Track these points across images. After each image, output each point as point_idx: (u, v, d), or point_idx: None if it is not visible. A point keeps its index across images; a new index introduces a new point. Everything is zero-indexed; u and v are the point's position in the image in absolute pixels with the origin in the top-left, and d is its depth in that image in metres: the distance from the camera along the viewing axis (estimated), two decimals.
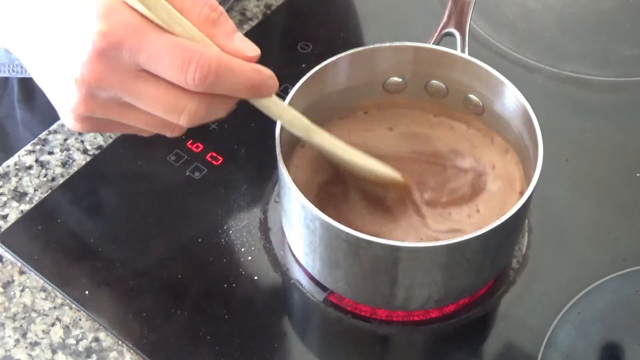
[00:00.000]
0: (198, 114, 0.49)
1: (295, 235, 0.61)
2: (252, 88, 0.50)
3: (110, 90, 0.49)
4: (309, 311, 0.64)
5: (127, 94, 0.49)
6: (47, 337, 0.61)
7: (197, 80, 0.47)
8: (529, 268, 0.65)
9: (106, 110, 0.50)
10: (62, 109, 0.51)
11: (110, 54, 0.47)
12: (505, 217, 0.55)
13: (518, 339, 0.62)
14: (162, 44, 0.47)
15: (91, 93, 0.49)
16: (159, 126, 0.51)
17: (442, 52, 0.64)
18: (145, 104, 0.49)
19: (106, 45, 0.47)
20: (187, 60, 0.47)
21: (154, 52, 0.47)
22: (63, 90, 0.50)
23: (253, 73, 0.50)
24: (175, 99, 0.49)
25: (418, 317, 0.62)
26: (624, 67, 0.80)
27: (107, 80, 0.48)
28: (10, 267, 0.65)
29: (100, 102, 0.50)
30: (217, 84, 0.48)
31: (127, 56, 0.47)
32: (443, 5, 0.68)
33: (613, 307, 0.63)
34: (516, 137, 0.63)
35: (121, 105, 0.50)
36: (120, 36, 0.47)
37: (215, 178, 0.70)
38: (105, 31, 0.47)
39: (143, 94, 0.49)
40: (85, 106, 0.50)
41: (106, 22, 0.47)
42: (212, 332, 0.61)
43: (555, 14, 0.86)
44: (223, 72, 0.48)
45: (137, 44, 0.47)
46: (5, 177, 0.70)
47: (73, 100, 0.49)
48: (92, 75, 0.48)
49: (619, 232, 0.68)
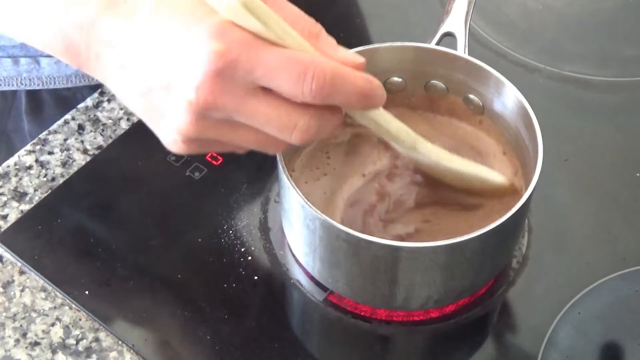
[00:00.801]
0: (310, 130, 0.49)
1: (295, 235, 0.61)
2: (364, 97, 0.49)
3: (224, 110, 0.48)
4: (309, 311, 0.64)
5: (240, 114, 0.48)
6: (47, 337, 0.61)
7: (315, 90, 0.47)
8: (529, 268, 0.65)
9: (215, 131, 0.49)
10: (168, 132, 0.50)
11: (227, 74, 0.46)
12: (505, 217, 0.55)
13: (518, 339, 0.62)
14: (276, 57, 0.47)
15: (203, 115, 0.48)
16: (266, 144, 0.51)
17: (442, 52, 0.64)
18: (258, 123, 0.48)
19: (223, 65, 0.46)
20: (303, 71, 0.46)
21: (270, 66, 0.47)
22: (171, 113, 0.49)
23: (365, 81, 0.49)
24: (288, 116, 0.48)
25: (418, 317, 0.62)
26: (624, 67, 0.80)
27: (222, 101, 0.47)
28: (10, 267, 0.65)
29: (211, 123, 0.49)
30: (332, 93, 0.48)
31: (243, 74, 0.47)
32: (443, 5, 0.68)
33: (613, 307, 0.63)
34: (516, 137, 0.63)
35: (231, 125, 0.49)
36: (237, 54, 0.46)
37: (215, 178, 0.70)
38: (222, 50, 0.46)
39: (256, 113, 0.48)
40: (195, 128, 0.49)
41: (221, 42, 0.46)
42: (212, 332, 0.62)
43: (555, 14, 0.86)
44: (338, 81, 0.48)
45: (253, 61, 0.46)
46: (5, 177, 0.70)
47: (183, 123, 0.48)
48: (208, 96, 0.47)
49: (619, 232, 0.68)
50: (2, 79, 0.77)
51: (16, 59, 0.76)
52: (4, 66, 0.76)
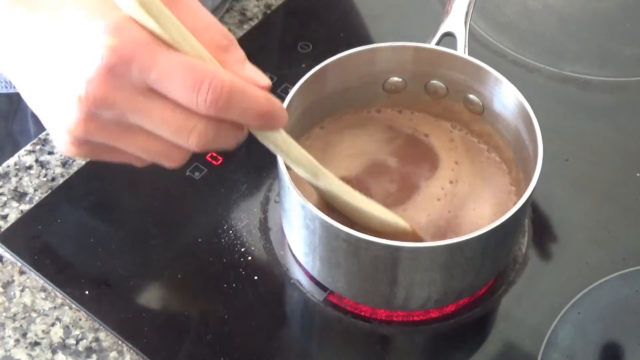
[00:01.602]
0: (207, 136, 0.47)
1: (295, 235, 0.61)
2: (262, 116, 0.48)
3: (116, 109, 0.46)
4: (309, 311, 0.64)
5: (133, 113, 0.46)
6: (47, 337, 0.61)
7: (209, 102, 0.45)
8: (529, 268, 0.65)
9: (106, 133, 0.47)
10: (57, 131, 0.48)
11: (119, 70, 0.45)
12: (505, 217, 0.55)
13: (518, 339, 0.62)
14: (173, 62, 0.45)
15: (94, 113, 0.46)
16: (161, 152, 0.48)
17: (442, 52, 0.64)
18: (152, 124, 0.47)
19: (116, 61, 0.44)
20: (199, 81, 0.45)
21: (165, 70, 0.45)
22: (61, 109, 0.47)
23: (265, 100, 0.47)
24: (185, 119, 0.46)
25: (418, 317, 0.62)
26: (624, 67, 0.80)
27: (114, 98, 0.45)
28: (10, 267, 0.65)
29: (101, 124, 0.47)
30: (228, 108, 0.46)
31: (136, 73, 0.45)
32: (443, 5, 0.68)
33: (613, 307, 0.63)
34: (516, 137, 0.63)
35: (123, 128, 0.47)
36: (131, 52, 0.44)
37: (215, 178, 0.70)
38: (116, 46, 0.44)
39: (151, 113, 0.46)
40: (85, 127, 0.46)
41: (116, 38, 0.44)
42: (212, 332, 0.62)
43: (555, 14, 0.86)
44: (235, 96, 0.46)
45: (148, 61, 0.45)
46: (5, 177, 0.70)
47: (72, 121, 0.46)
48: (98, 92, 0.45)
49: (619, 232, 0.68)
50: (7, 81, 0.77)
51: None
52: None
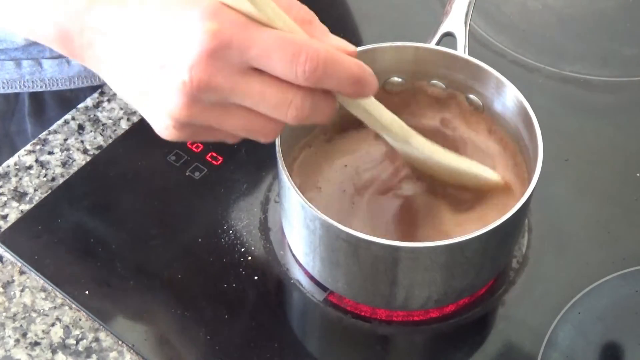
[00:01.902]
0: (304, 109, 0.48)
1: (295, 235, 0.61)
2: (357, 83, 0.49)
3: (218, 91, 0.47)
4: (309, 311, 0.64)
5: (235, 93, 0.48)
6: (47, 337, 0.61)
7: (308, 72, 0.47)
8: (529, 268, 0.65)
9: (208, 115, 0.49)
10: (160, 117, 0.50)
11: (221, 54, 0.46)
12: (505, 217, 0.55)
13: (518, 339, 0.62)
14: (270, 38, 0.47)
15: (197, 97, 0.47)
16: (259, 128, 0.50)
17: (442, 52, 0.64)
18: (252, 101, 0.48)
19: (217, 45, 0.46)
20: (297, 53, 0.46)
21: (263, 47, 0.47)
22: (164, 96, 0.48)
23: (358, 67, 0.49)
24: (283, 93, 0.48)
25: (418, 317, 0.62)
26: (624, 67, 0.80)
27: (217, 81, 0.47)
28: (10, 267, 0.65)
29: (204, 106, 0.48)
30: (325, 76, 0.47)
31: (236, 54, 0.47)
32: (443, 5, 0.68)
33: (613, 307, 0.63)
34: (516, 137, 0.63)
35: (224, 108, 0.49)
36: (230, 34, 0.46)
37: (215, 178, 0.70)
38: (215, 30, 0.46)
39: (251, 91, 0.48)
40: (188, 111, 0.48)
41: (214, 22, 0.46)
42: (212, 332, 0.61)
43: (555, 14, 0.86)
44: (331, 65, 0.47)
45: (247, 41, 0.46)
46: (5, 177, 0.70)
47: (176, 106, 0.48)
48: (202, 76, 0.47)
49: (619, 232, 0.68)
50: (4, 81, 0.77)
51: (18, 61, 0.76)
52: (7, 69, 0.76)
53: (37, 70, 0.77)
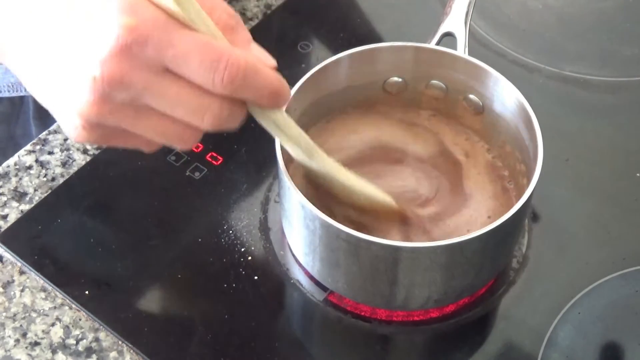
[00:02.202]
0: (222, 115, 0.47)
1: (295, 235, 0.61)
2: (273, 94, 0.48)
3: (131, 89, 0.45)
4: (309, 311, 0.64)
5: (148, 94, 0.46)
6: (47, 337, 0.61)
7: (226, 81, 0.45)
8: (529, 268, 0.65)
9: (120, 115, 0.46)
10: (68, 115, 0.47)
11: (135, 50, 0.44)
12: (505, 217, 0.55)
13: (518, 339, 0.62)
14: (190, 41, 0.45)
15: (108, 94, 0.45)
16: (175, 134, 0.48)
17: (442, 52, 0.64)
18: (167, 105, 0.46)
19: (132, 40, 0.44)
20: (216, 60, 0.45)
21: (182, 49, 0.45)
22: (74, 91, 0.46)
23: (276, 80, 0.48)
24: (201, 98, 0.46)
25: (418, 317, 0.62)
26: (624, 67, 0.80)
27: (129, 78, 0.45)
28: (10, 267, 0.65)
29: (115, 106, 0.46)
30: (243, 87, 0.46)
31: (152, 53, 0.44)
32: (443, 5, 0.68)
33: (613, 307, 0.63)
34: (516, 137, 0.63)
35: (136, 110, 0.47)
36: (147, 31, 0.44)
37: (215, 178, 0.70)
38: (132, 25, 0.44)
39: (166, 93, 0.46)
40: (98, 109, 0.46)
41: (132, 17, 0.44)
42: (212, 332, 0.62)
43: (555, 14, 0.86)
44: (250, 75, 0.46)
45: (165, 40, 0.44)
46: (5, 177, 0.70)
47: (85, 103, 0.45)
48: (113, 72, 0.44)
49: (619, 232, 0.68)
50: (10, 85, 0.77)
51: None
52: (12, 73, 0.76)
53: None
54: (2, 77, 0.77)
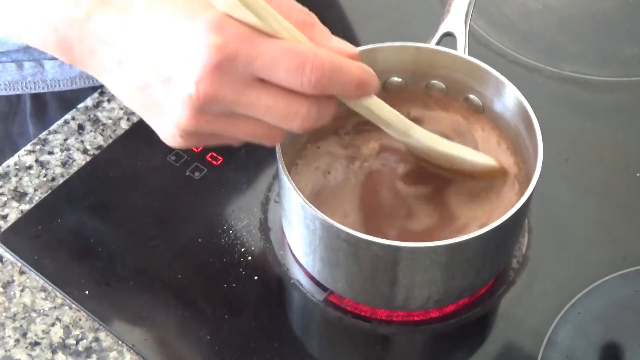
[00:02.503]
0: (310, 117, 0.49)
1: (295, 235, 0.61)
2: (360, 86, 0.50)
3: (224, 104, 0.48)
4: (309, 311, 0.64)
5: (240, 105, 0.48)
6: (47, 337, 0.61)
7: (314, 81, 0.47)
8: (529, 268, 0.65)
9: (214, 124, 0.49)
10: (167, 127, 0.50)
11: (226, 67, 0.47)
12: (505, 217, 0.55)
13: (518, 339, 0.62)
14: (275, 49, 0.47)
15: (203, 108, 0.48)
16: (265, 135, 0.51)
17: (442, 52, 0.64)
18: (258, 113, 0.49)
19: (222, 58, 0.46)
20: (302, 63, 0.47)
21: (268, 58, 0.47)
22: (171, 107, 0.49)
23: (360, 71, 0.50)
24: (289, 104, 0.48)
25: (418, 317, 0.62)
26: (624, 67, 0.80)
27: (222, 94, 0.47)
28: (10, 267, 0.65)
29: (210, 117, 0.49)
30: (331, 84, 0.48)
31: (242, 67, 0.47)
32: (443, 5, 0.68)
33: (613, 307, 0.63)
34: (516, 137, 0.63)
35: (229, 117, 0.49)
36: (235, 47, 0.46)
37: (215, 178, 0.70)
38: (220, 44, 0.46)
39: (257, 103, 0.48)
40: (195, 122, 0.49)
41: (219, 35, 0.46)
42: (212, 332, 0.61)
43: (555, 14, 0.86)
44: (335, 72, 0.48)
45: (252, 53, 0.47)
46: (5, 177, 0.70)
47: (183, 117, 0.48)
48: (208, 90, 0.47)
49: (619, 232, 0.68)
50: (6, 83, 0.77)
51: (20, 63, 0.76)
52: (8, 71, 0.77)
53: (39, 71, 0.77)
54: None
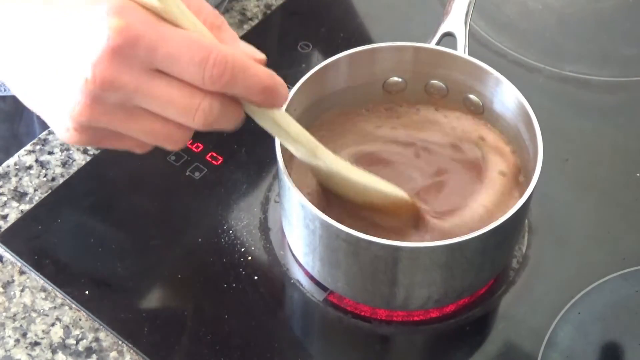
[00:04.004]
0: (212, 114, 0.47)
1: (295, 235, 0.61)
2: (265, 91, 0.48)
3: (122, 91, 0.46)
4: (309, 311, 0.64)
5: (139, 95, 0.46)
6: (47, 337, 0.61)
7: (215, 76, 0.45)
8: (529, 268, 0.65)
9: (111, 117, 0.47)
10: (60, 118, 0.47)
11: (126, 51, 0.45)
12: (505, 217, 0.55)
13: (518, 339, 0.62)
14: (178, 39, 0.45)
15: (99, 96, 0.45)
16: (165, 134, 0.48)
17: (442, 52, 0.64)
18: (158, 105, 0.47)
19: (122, 42, 0.44)
20: (205, 56, 0.45)
21: (171, 48, 0.45)
22: (66, 95, 0.46)
23: (267, 75, 0.48)
24: (191, 97, 0.46)
25: (418, 317, 0.62)
26: (624, 67, 0.80)
27: (121, 80, 0.45)
28: (10, 267, 0.65)
29: (106, 108, 0.46)
30: (233, 82, 0.46)
31: (142, 53, 0.45)
32: (443, 5, 0.68)
33: (613, 307, 0.63)
34: (516, 137, 0.63)
35: (127, 111, 0.47)
36: (137, 31, 0.44)
37: (215, 178, 0.70)
38: (122, 26, 0.44)
39: (157, 93, 0.46)
40: (90, 111, 0.46)
41: (121, 18, 0.44)
42: (212, 332, 0.62)
43: (555, 14, 0.86)
44: (239, 70, 0.46)
45: (154, 40, 0.45)
46: (5, 177, 0.70)
47: (77, 105, 0.46)
48: (105, 73, 0.45)
49: (619, 232, 0.68)
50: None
51: None
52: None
53: None
54: None
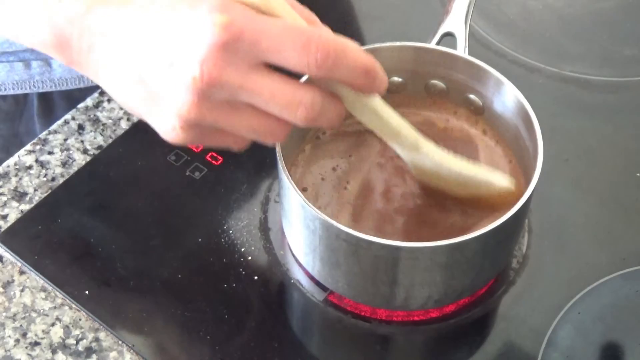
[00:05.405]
0: (314, 110, 0.48)
1: (295, 235, 0.61)
2: (367, 73, 0.49)
3: (229, 87, 0.47)
4: (309, 311, 0.64)
5: (245, 91, 0.47)
6: (47, 337, 0.61)
7: (320, 60, 0.46)
8: (529, 268, 0.65)
9: (217, 114, 0.48)
10: (166, 117, 0.49)
11: (232, 47, 0.46)
12: (505, 217, 0.55)
13: (518, 339, 0.62)
14: (280, 29, 0.47)
15: (207, 94, 0.47)
16: (268, 129, 0.50)
17: (442, 52, 0.64)
18: (262, 100, 0.48)
19: (228, 37, 0.46)
20: (307, 43, 0.46)
21: (274, 38, 0.46)
22: (172, 94, 0.47)
23: (367, 57, 0.49)
24: (293, 92, 0.48)
25: (418, 317, 0.62)
26: (624, 67, 0.80)
27: (228, 77, 0.46)
28: (10, 267, 0.65)
29: (213, 105, 0.48)
30: (336, 66, 0.47)
31: (247, 47, 0.46)
32: (443, 5, 0.68)
33: (613, 307, 0.63)
34: (516, 137, 0.63)
35: (232, 107, 0.48)
36: (241, 27, 0.46)
37: (215, 178, 0.70)
38: (226, 23, 0.45)
39: (261, 89, 0.47)
40: (198, 109, 0.47)
41: (224, 15, 0.46)
42: (212, 332, 0.62)
43: (555, 14, 0.86)
44: (341, 54, 0.47)
45: (258, 33, 0.46)
46: (5, 177, 0.70)
47: (185, 104, 0.47)
48: (213, 70, 0.46)
49: (619, 232, 0.68)
50: (14, 82, 0.77)
51: (28, 62, 0.76)
52: (16, 70, 0.77)
53: (47, 70, 0.77)
54: (7, 74, 0.77)
